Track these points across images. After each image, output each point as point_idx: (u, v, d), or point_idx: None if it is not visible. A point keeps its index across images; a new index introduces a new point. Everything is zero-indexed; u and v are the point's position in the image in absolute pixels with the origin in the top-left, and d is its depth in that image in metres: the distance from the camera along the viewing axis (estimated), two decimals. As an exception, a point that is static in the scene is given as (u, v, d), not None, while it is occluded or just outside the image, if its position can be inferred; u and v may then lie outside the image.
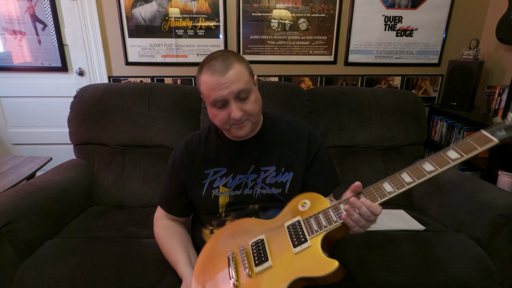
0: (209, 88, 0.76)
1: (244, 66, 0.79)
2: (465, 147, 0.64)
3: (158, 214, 0.97)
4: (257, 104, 0.81)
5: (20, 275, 1.01)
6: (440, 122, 1.94)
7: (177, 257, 0.85)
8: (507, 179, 1.46)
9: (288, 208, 0.81)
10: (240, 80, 0.76)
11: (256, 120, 0.83)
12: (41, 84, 1.96)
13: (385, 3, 1.87)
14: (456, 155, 0.63)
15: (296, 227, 0.73)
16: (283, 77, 1.99)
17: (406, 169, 0.67)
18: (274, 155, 0.89)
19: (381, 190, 0.68)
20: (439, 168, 0.64)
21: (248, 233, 0.79)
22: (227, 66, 0.75)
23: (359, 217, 0.66)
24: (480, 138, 0.63)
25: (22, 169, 1.45)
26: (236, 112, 0.76)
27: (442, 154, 0.65)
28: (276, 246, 0.72)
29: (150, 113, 1.51)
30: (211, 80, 0.75)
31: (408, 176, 0.66)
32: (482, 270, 1.08)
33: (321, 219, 0.70)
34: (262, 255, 0.71)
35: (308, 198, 0.78)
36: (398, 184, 0.66)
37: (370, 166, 1.56)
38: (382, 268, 1.08)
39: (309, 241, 0.68)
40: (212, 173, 0.89)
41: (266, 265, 0.69)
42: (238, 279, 0.71)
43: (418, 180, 0.65)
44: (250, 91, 0.78)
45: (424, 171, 0.65)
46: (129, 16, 1.83)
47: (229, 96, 0.76)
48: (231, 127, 0.81)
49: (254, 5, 1.84)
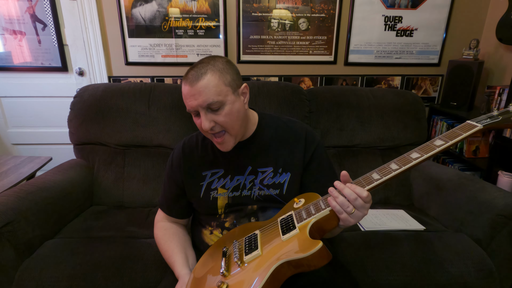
0: (184, 97, 0.78)
1: (219, 77, 0.75)
2: (450, 135, 0.67)
3: (158, 217, 0.98)
4: (233, 116, 0.77)
5: (20, 275, 1.01)
6: (440, 122, 1.94)
7: (174, 258, 0.85)
8: (507, 179, 1.46)
9: (284, 207, 0.82)
10: (209, 93, 0.73)
11: (236, 132, 0.80)
12: (41, 84, 1.96)
13: (385, 3, 1.87)
14: (441, 142, 0.66)
15: (288, 220, 0.74)
16: (283, 77, 1.99)
17: (394, 160, 0.68)
18: (271, 156, 0.89)
19: (369, 178, 0.68)
20: (424, 154, 0.65)
21: (246, 232, 0.81)
22: (197, 78, 0.73)
23: (343, 200, 0.65)
24: (464, 126, 0.67)
25: (22, 169, 1.45)
26: (204, 122, 0.75)
27: (428, 143, 0.68)
28: (267, 238, 0.74)
29: (150, 113, 1.51)
30: (184, 89, 0.77)
31: (396, 164, 0.67)
32: (482, 270, 1.08)
33: (310, 209, 0.72)
34: (253, 245, 0.73)
35: (303, 197, 0.80)
36: (386, 172, 0.67)
37: (370, 166, 1.56)
38: (382, 268, 1.08)
39: (297, 228, 0.69)
40: (209, 175, 0.89)
41: (255, 253, 0.71)
42: (227, 269, 0.72)
43: (404, 166, 0.65)
44: (223, 103, 0.75)
45: (410, 159, 0.66)
46: (129, 16, 1.83)
47: (198, 108, 0.75)
48: (213, 139, 0.82)
49: (254, 5, 1.84)
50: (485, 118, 0.67)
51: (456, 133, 0.66)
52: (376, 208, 1.44)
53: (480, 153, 1.73)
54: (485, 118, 0.67)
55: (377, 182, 0.66)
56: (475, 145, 1.73)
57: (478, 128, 0.65)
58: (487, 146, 1.73)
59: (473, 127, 0.66)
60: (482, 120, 0.67)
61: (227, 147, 0.81)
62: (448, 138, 0.66)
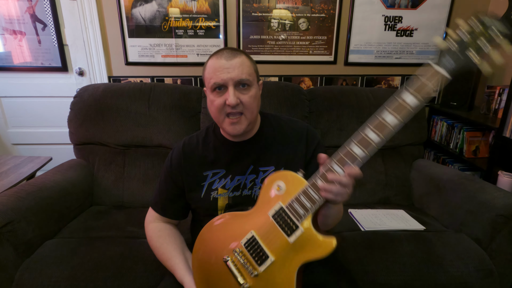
0: (211, 71, 0.78)
1: (251, 61, 0.82)
2: (422, 90, 0.59)
3: (150, 217, 0.95)
4: (255, 100, 0.81)
5: (20, 275, 1.01)
6: (440, 122, 1.94)
7: (174, 261, 0.84)
8: (507, 179, 1.46)
9: (263, 195, 0.76)
10: (244, 70, 0.78)
11: (252, 118, 0.82)
12: (41, 84, 1.95)
13: (385, 3, 1.87)
14: (414, 101, 0.59)
15: (282, 215, 0.71)
16: (283, 77, 1.99)
17: (368, 125, 0.64)
18: (273, 155, 0.89)
19: (351, 155, 0.65)
20: (400, 116, 0.61)
21: (234, 233, 0.76)
22: (234, 55, 0.79)
23: (339, 189, 0.65)
24: (433, 76, 0.58)
25: (22, 169, 1.45)
26: (232, 97, 0.76)
27: (400, 101, 0.61)
28: (271, 240, 0.71)
29: (150, 113, 1.51)
30: (215, 63, 0.78)
31: (373, 133, 0.63)
32: (482, 270, 1.08)
33: (304, 202, 0.69)
34: (261, 253, 0.71)
35: (280, 179, 0.74)
36: (367, 144, 0.64)
37: (370, 166, 1.56)
38: (382, 268, 1.08)
39: (300, 227, 0.68)
40: (211, 175, 0.89)
41: (268, 262, 0.70)
42: (247, 282, 0.71)
43: (383, 134, 0.62)
44: (251, 84, 0.80)
45: (387, 124, 0.62)
46: (129, 16, 1.83)
47: (229, 81, 0.77)
48: (225, 121, 0.80)
49: (254, 5, 1.84)
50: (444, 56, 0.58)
51: (428, 88, 0.58)
52: (376, 208, 1.44)
53: (480, 153, 1.73)
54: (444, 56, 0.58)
55: (363, 161, 0.64)
56: (475, 145, 1.73)
57: (449, 80, 0.57)
58: (487, 146, 1.73)
59: (444, 79, 0.57)
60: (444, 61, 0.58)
61: (240, 129, 0.81)
62: (421, 94, 0.58)
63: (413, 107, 0.60)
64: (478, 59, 0.56)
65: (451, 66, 0.57)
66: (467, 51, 0.57)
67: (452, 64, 0.57)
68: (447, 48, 0.58)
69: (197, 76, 1.97)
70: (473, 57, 0.56)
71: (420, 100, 0.59)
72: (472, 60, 0.56)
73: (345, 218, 1.34)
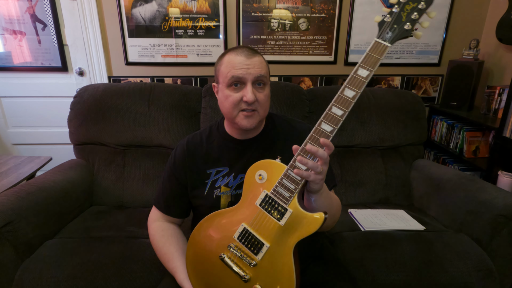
0: (230, 66, 0.79)
1: (266, 63, 0.85)
2: (369, 61, 0.68)
3: (153, 216, 0.95)
4: (269, 100, 0.84)
5: (20, 275, 1.01)
6: (440, 122, 1.94)
7: (175, 264, 0.84)
8: (507, 179, 1.46)
9: (247, 187, 0.78)
10: (263, 68, 0.81)
11: (263, 115, 0.84)
12: (41, 84, 1.95)
13: (385, 3, 1.87)
14: (366, 72, 0.68)
15: (269, 201, 0.72)
16: (283, 77, 1.99)
17: (333, 102, 0.70)
18: (276, 154, 0.89)
19: (321, 131, 0.69)
20: (358, 91, 0.69)
21: (225, 229, 0.77)
22: (254, 53, 0.81)
23: (313, 163, 0.66)
24: (377, 48, 0.67)
25: (22, 169, 1.45)
26: (250, 94, 0.78)
27: (354, 75, 0.69)
28: (263, 228, 0.72)
29: (150, 113, 1.51)
30: (235, 59, 0.79)
31: (338, 109, 0.70)
32: (482, 270, 1.08)
33: (287, 184, 0.70)
34: (256, 242, 0.72)
35: (260, 168, 0.76)
36: (333, 119, 0.69)
37: (370, 166, 1.56)
38: (382, 268, 1.08)
39: (289, 208, 0.70)
40: (214, 173, 0.89)
41: (264, 249, 0.71)
42: (247, 273, 0.72)
43: (346, 109, 0.69)
44: (266, 83, 0.83)
45: (347, 98, 0.70)
46: (129, 16, 1.83)
47: (248, 77, 0.78)
48: (239, 115, 0.81)
49: (254, 5, 1.84)
50: (386, 31, 0.67)
51: (374, 58, 0.67)
52: (376, 208, 1.44)
53: (480, 153, 1.73)
54: (386, 31, 0.67)
55: (332, 134, 0.68)
56: (475, 145, 1.73)
57: (388, 47, 0.66)
58: (487, 146, 1.73)
59: (385, 48, 0.66)
60: (385, 34, 0.67)
61: (253, 123, 0.82)
62: (370, 65, 0.67)
63: (364, 77, 0.68)
64: (408, 25, 0.65)
65: (389, 36, 0.67)
66: (399, 21, 0.66)
67: (390, 34, 0.67)
68: (383, 21, 0.68)
69: (197, 76, 1.97)
70: (405, 25, 0.65)
71: (370, 69, 0.67)
72: (404, 27, 0.65)
73: (345, 218, 1.34)
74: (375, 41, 0.67)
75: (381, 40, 0.67)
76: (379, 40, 0.67)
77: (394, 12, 0.67)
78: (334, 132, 0.69)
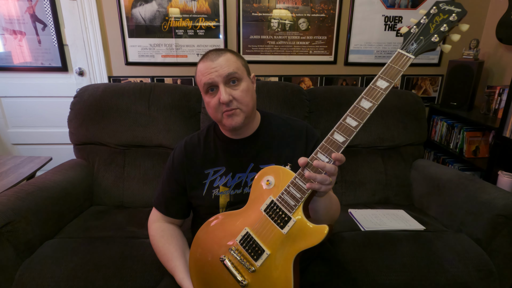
0: (200, 74, 0.81)
1: (236, 57, 0.83)
2: (390, 72, 0.65)
3: (153, 217, 0.96)
4: (248, 94, 0.82)
5: (20, 275, 1.01)
6: (440, 122, 1.94)
7: (175, 263, 0.84)
8: (507, 179, 1.46)
9: (254, 192, 0.78)
10: (230, 65, 0.80)
11: (248, 111, 0.83)
12: (41, 84, 1.95)
13: (385, 3, 1.87)
14: (385, 84, 0.65)
15: (274, 208, 0.72)
16: (283, 77, 1.99)
17: (348, 113, 0.68)
18: (273, 153, 0.89)
19: (334, 142, 0.68)
20: (376, 102, 0.66)
21: (228, 232, 0.77)
22: (219, 54, 0.81)
23: (323, 177, 0.65)
24: (399, 59, 0.65)
25: (22, 169, 1.45)
26: (224, 95, 0.78)
27: (373, 86, 0.66)
28: (265, 234, 0.72)
29: (150, 113, 1.51)
30: (203, 66, 0.81)
31: (353, 120, 0.67)
32: (482, 270, 1.08)
33: (293, 192, 0.70)
34: (256, 248, 0.72)
35: (269, 174, 0.76)
36: (347, 130, 0.67)
37: (370, 166, 1.56)
38: (382, 268, 1.08)
39: (293, 217, 0.69)
40: (212, 173, 0.89)
41: (264, 256, 0.70)
42: (245, 279, 0.72)
43: (362, 120, 0.67)
44: (240, 78, 0.81)
45: (364, 110, 0.67)
46: (129, 16, 1.83)
47: (218, 79, 0.79)
48: (223, 116, 0.82)
49: (254, 5, 1.84)
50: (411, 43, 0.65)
51: (395, 70, 0.64)
52: (376, 208, 1.44)
53: (480, 153, 1.73)
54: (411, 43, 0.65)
55: (344, 145, 0.67)
56: (475, 145, 1.73)
57: (412, 59, 0.63)
58: (487, 146, 1.73)
59: (408, 60, 0.63)
60: (409, 46, 0.65)
61: (238, 120, 0.82)
62: (390, 77, 0.65)
63: (383, 89, 0.65)
64: (436, 37, 0.62)
65: (414, 47, 0.64)
66: (426, 32, 0.63)
67: (414, 45, 0.64)
68: (409, 32, 0.65)
69: (197, 76, 1.97)
70: (433, 37, 0.62)
71: (390, 81, 0.64)
72: (431, 39, 0.62)
73: (345, 218, 1.34)
74: (398, 52, 0.65)
75: (404, 52, 0.64)
76: (403, 52, 0.65)
77: (422, 23, 0.64)
78: (347, 143, 0.67)
